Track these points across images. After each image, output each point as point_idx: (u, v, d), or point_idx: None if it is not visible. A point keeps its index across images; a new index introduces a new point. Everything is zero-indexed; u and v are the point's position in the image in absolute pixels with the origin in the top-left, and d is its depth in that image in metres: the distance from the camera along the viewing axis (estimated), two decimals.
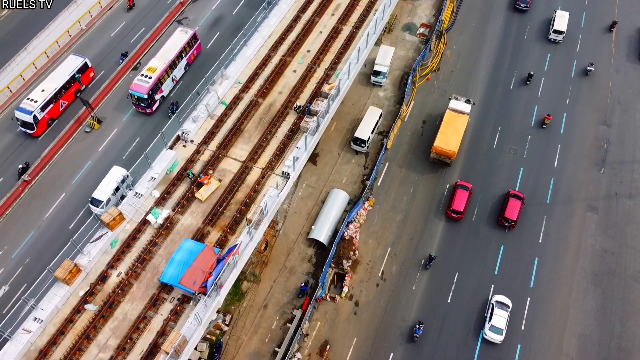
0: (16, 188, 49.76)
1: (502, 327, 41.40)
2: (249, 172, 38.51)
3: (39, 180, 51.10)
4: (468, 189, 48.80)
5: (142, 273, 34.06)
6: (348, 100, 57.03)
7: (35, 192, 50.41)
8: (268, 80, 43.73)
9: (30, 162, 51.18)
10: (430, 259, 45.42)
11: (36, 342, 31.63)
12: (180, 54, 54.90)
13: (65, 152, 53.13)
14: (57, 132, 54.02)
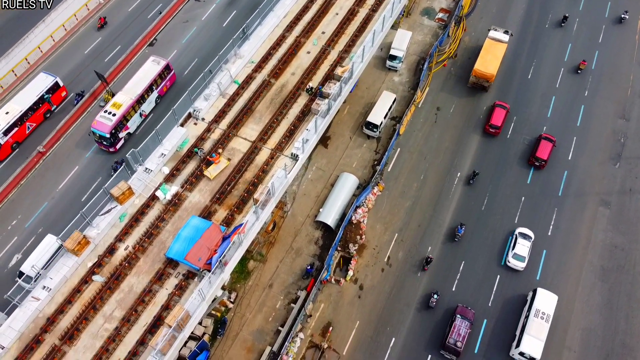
0: (31, 159, 50.54)
1: (525, 255, 43.87)
2: (259, 152, 38.61)
3: (54, 152, 51.86)
4: (506, 107, 52.33)
5: (149, 247, 34.57)
6: (362, 84, 56.65)
7: (50, 164, 51.21)
8: (281, 60, 43.52)
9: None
10: (475, 174, 48.22)
11: (44, 310, 32.43)
12: (151, 86, 50.80)
13: (80, 125, 53.74)
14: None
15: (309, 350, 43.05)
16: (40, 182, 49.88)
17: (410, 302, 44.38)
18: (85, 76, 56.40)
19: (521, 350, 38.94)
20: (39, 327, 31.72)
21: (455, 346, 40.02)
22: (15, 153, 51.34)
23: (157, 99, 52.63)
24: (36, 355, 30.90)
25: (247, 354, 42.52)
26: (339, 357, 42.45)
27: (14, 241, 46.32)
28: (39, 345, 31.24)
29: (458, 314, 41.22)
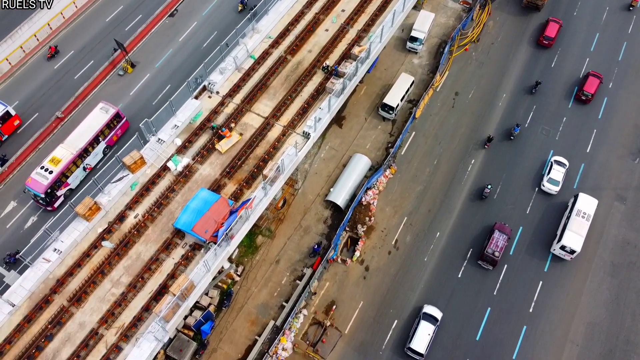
0: (50, 124, 51.35)
1: (559, 179, 46.42)
2: (271, 128, 38.65)
3: (72, 118, 52.55)
4: (559, 22, 54.87)
5: (158, 217, 35.11)
6: (381, 64, 56.02)
7: (68, 129, 51.81)
8: (299, 37, 43.19)
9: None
10: (537, 83, 50.63)
11: (54, 272, 33.33)
12: (97, 137, 46.28)
13: (99, 93, 54.28)
14: None
15: (311, 326, 43.59)
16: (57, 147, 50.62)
17: (415, 286, 44.49)
18: (105, 44, 56.74)
19: (563, 244, 42.36)
20: (49, 287, 32.64)
21: (493, 255, 42.47)
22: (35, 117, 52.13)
23: (106, 149, 47.65)
24: (45, 314, 31.87)
25: (251, 327, 43.23)
26: (341, 335, 42.94)
27: (30, 204, 47.34)
28: (48, 305, 32.19)
29: (496, 229, 43.60)
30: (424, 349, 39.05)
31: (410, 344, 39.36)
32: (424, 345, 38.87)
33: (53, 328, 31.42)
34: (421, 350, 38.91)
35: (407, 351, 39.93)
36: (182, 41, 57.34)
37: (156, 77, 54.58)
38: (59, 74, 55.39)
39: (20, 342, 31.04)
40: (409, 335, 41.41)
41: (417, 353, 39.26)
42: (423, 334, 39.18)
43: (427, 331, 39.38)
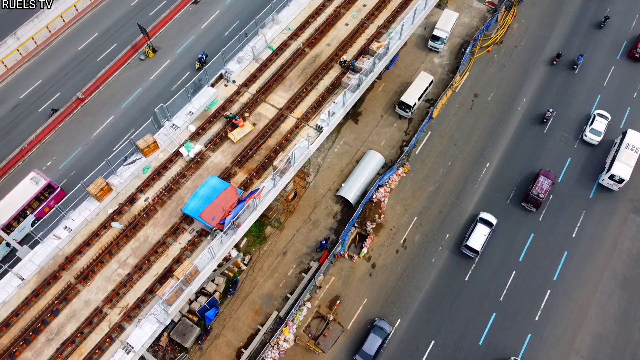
0: (70, 104, 52.21)
1: (602, 130, 48.77)
2: (284, 120, 38.71)
3: (92, 99, 53.42)
4: None
5: (168, 201, 35.51)
6: (401, 62, 55.66)
7: (87, 110, 52.85)
8: (318, 30, 43.07)
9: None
10: (558, 55, 51.22)
11: (64, 249, 33.98)
12: (25, 210, 42.60)
13: (120, 76, 55.02)
14: None
15: (314, 320, 43.75)
16: (77, 127, 51.61)
17: (421, 286, 44.30)
18: (128, 28, 57.36)
19: (612, 173, 45.38)
20: (58, 264, 33.30)
21: (537, 197, 44.88)
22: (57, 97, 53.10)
23: (35, 221, 43.37)
24: (52, 289, 32.55)
25: (254, 316, 43.57)
26: (343, 331, 43.01)
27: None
28: (55, 281, 32.86)
29: (541, 175, 45.85)
30: (480, 247, 43.18)
31: (468, 242, 43.48)
32: (479, 244, 43.18)
33: (59, 304, 32.08)
34: (477, 247, 43.12)
35: (464, 249, 44.12)
36: (204, 29, 57.73)
37: (176, 63, 55.06)
38: (82, 55, 56.23)
39: (27, 315, 31.77)
40: (412, 334, 41.36)
41: (473, 250, 43.30)
42: (479, 235, 43.48)
43: (482, 232, 43.53)
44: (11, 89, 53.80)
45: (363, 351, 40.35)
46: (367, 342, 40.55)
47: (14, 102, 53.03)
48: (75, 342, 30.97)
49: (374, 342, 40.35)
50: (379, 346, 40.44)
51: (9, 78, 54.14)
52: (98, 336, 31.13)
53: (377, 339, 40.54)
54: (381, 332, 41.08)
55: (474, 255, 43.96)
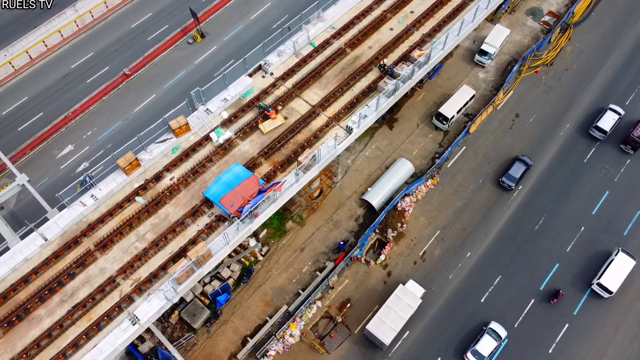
0: (116, 78, 53.97)
1: None
2: (316, 117, 38.84)
3: (137, 76, 55.06)
4: None
5: (192, 183, 36.25)
6: (445, 73, 54.87)
7: (132, 86, 54.49)
8: (362, 32, 42.96)
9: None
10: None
11: (88, 216, 35.21)
12: None
13: (167, 57, 56.49)
14: None
15: (322, 319, 43.77)
16: (120, 101, 53.30)
17: (434, 301, 43.61)
18: (181, 11, 58.73)
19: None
20: (80, 230, 34.53)
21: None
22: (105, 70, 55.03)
23: None
24: (72, 254, 33.78)
25: (264, 307, 43.94)
26: (350, 334, 42.85)
27: (85, 150, 50.21)
28: (76, 246, 34.09)
29: None
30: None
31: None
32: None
33: (76, 268, 33.27)
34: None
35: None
36: (253, 19, 58.53)
37: (222, 50, 56.04)
38: (135, 32, 57.98)
39: (45, 274, 33.11)
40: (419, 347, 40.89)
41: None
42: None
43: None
44: (64, 58, 56.06)
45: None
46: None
47: (66, 70, 55.22)
48: (86, 306, 32.05)
49: None
50: None
51: (63, 47, 56.41)
52: (108, 304, 32.09)
53: None
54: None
55: None
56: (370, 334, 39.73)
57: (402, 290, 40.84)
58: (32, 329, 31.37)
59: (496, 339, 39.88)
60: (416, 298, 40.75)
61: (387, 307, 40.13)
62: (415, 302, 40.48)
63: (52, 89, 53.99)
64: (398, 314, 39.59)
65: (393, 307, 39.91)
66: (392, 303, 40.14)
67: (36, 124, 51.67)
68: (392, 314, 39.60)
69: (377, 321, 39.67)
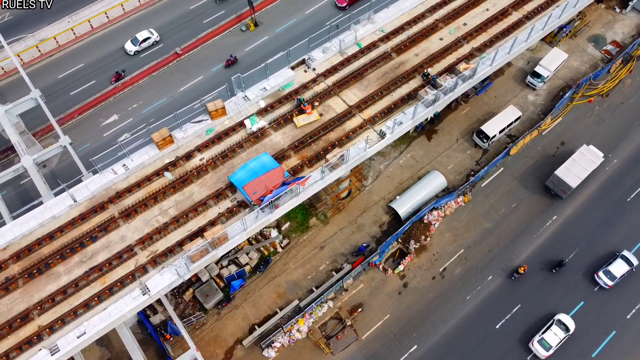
0: (168, 56, 55.46)
1: None
2: (351, 117, 38.68)
3: (188, 57, 56.42)
4: None
5: (220, 166, 36.84)
6: (493, 90, 53.59)
7: (181, 66, 55.89)
8: (411, 38, 42.44)
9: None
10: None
11: (117, 184, 36.37)
12: None
13: (219, 41, 57.63)
14: None
15: (332, 320, 43.67)
16: (168, 79, 54.77)
17: (447, 319, 42.75)
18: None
19: None
20: (108, 196, 35.70)
21: None
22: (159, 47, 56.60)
23: None
24: (97, 218, 35.00)
25: (276, 299, 44.22)
26: (356, 339, 42.57)
27: (129, 121, 51.91)
28: (102, 211, 35.29)
29: None
30: None
31: None
32: None
33: (99, 232, 34.43)
34: None
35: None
36: (308, 14, 58.89)
37: (273, 41, 56.64)
38: (192, 14, 59.41)
39: (69, 234, 34.43)
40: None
41: None
42: None
43: None
44: (122, 32, 58.11)
45: None
46: None
47: (122, 43, 57.19)
48: (102, 270, 33.10)
49: None
50: None
51: (123, 21, 58.51)
52: (123, 271, 33.04)
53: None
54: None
55: None
56: (557, 179, 45.14)
57: (587, 149, 46.37)
58: (49, 283, 32.68)
59: None
60: (598, 156, 46.01)
61: (572, 160, 45.66)
62: (598, 159, 45.84)
63: (107, 59, 56.06)
64: (582, 166, 45.19)
65: (578, 160, 45.47)
66: (577, 157, 45.70)
67: (87, 91, 53.79)
68: (577, 166, 45.20)
69: (564, 169, 45.26)
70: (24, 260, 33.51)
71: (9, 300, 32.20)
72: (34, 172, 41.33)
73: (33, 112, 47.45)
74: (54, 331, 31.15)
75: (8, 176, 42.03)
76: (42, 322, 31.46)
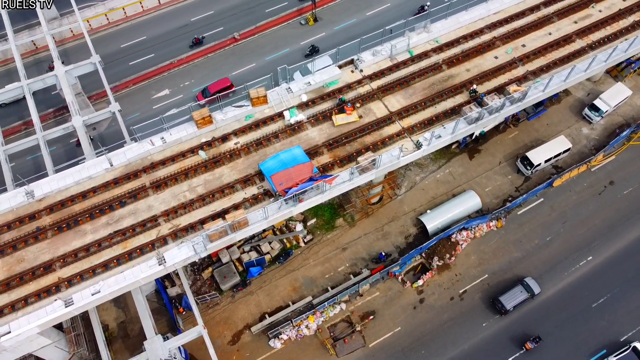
0: (225, 40, 56.68)
1: None
2: (390, 124, 38.27)
3: (244, 43, 57.48)
4: None
5: (253, 153, 37.33)
6: (546, 118, 51.77)
7: (236, 51, 56.98)
8: (465, 52, 41.49)
9: None
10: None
11: (153, 156, 37.52)
12: None
13: (277, 32, 58.38)
14: None
15: (342, 322, 43.55)
16: (221, 62, 56.02)
17: (459, 343, 41.79)
18: None
19: None
20: (142, 166, 36.90)
21: None
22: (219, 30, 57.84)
23: None
24: (129, 184, 36.25)
25: (290, 292, 44.51)
26: (363, 346, 42.27)
27: (178, 97, 53.49)
28: (134, 179, 36.51)
29: None
30: None
31: None
32: None
33: (129, 198, 35.65)
34: None
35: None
36: (368, 16, 58.71)
37: (329, 38, 56.79)
38: (254, 2, 60.41)
39: (101, 195, 35.82)
40: None
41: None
42: None
43: None
44: (187, 10, 59.83)
45: None
46: None
47: (185, 21, 58.92)
48: (125, 235, 34.27)
49: None
50: None
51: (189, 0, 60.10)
52: (145, 239, 34.07)
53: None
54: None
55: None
56: None
57: None
58: (75, 239, 34.14)
59: None
60: None
61: None
62: None
63: (169, 35, 57.86)
64: None
65: None
66: None
67: (145, 63, 55.76)
68: None
69: None
70: (56, 214, 35.12)
71: (36, 248, 33.84)
72: (81, 132, 43.21)
73: (92, 77, 49.58)
74: (72, 285, 32.46)
75: (58, 133, 44.12)
76: (63, 274, 32.89)
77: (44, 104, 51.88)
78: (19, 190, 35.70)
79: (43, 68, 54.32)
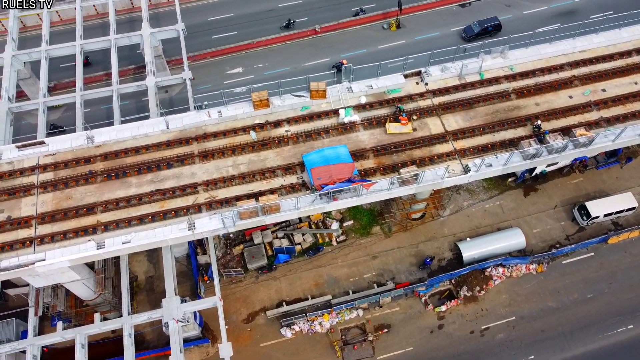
0: (306, 31, 57.64)
1: None
2: (442, 142, 37.44)
3: (324, 37, 58.26)
4: None
5: (300, 143, 37.84)
6: (617, 171, 48.92)
7: (315, 43, 57.85)
8: (538, 86, 39.70)
9: None
10: None
11: (207, 127, 38.98)
12: None
13: (358, 31, 58.69)
14: None
15: (355, 328, 43.51)
16: (298, 51, 57.04)
17: None
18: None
19: None
20: (195, 134, 38.45)
21: None
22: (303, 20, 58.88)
23: None
24: (179, 149, 37.91)
25: (313, 287, 44.97)
26: (371, 356, 42.03)
27: (250, 77, 55.05)
28: (185, 145, 38.13)
29: None
30: None
31: None
32: None
33: (176, 162, 37.29)
34: None
35: None
36: (452, 32, 57.56)
37: (408, 47, 56.20)
38: None
39: (152, 154, 37.71)
40: None
41: None
42: None
43: None
44: None
45: None
46: None
47: (273, 6, 60.47)
48: (165, 195, 35.94)
49: None
50: None
51: None
52: (182, 203, 35.58)
53: None
54: None
55: None
56: None
57: None
58: (120, 189, 36.24)
59: None
60: None
61: None
62: None
63: (255, 16, 59.62)
64: None
65: None
66: None
67: (227, 39, 57.84)
68: None
69: None
70: (109, 162, 37.41)
71: (85, 190, 36.27)
72: (152, 92, 45.57)
73: (175, 43, 51.93)
74: (108, 230, 34.54)
75: (132, 89, 46.91)
76: (102, 218, 35.07)
77: (127, 60, 55.03)
78: (81, 133, 38.34)
79: (135, 27, 57.53)
